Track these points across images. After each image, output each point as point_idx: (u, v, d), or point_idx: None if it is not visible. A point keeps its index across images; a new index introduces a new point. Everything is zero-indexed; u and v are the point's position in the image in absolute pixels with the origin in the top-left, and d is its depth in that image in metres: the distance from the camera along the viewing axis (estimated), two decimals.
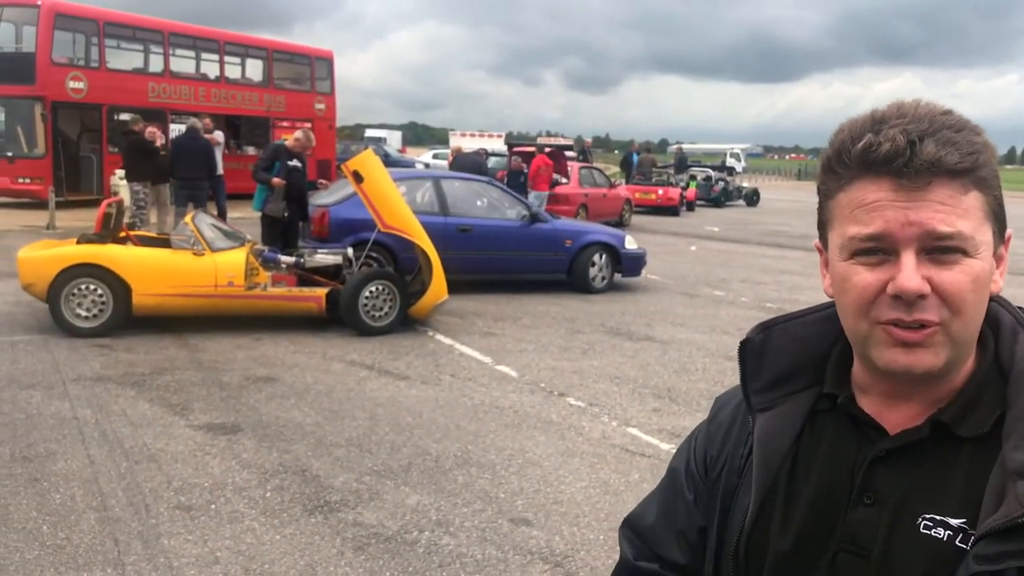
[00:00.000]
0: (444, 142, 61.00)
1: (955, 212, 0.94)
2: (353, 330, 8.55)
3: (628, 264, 11.87)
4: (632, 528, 1.29)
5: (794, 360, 1.12)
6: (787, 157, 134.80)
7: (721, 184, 30.97)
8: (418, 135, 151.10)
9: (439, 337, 8.67)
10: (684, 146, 42.72)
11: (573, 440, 5.82)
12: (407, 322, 8.89)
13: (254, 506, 4.59)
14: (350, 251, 9.27)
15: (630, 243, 11.96)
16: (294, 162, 10.51)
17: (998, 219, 0.99)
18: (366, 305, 8.59)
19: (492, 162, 24.70)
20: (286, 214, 10.38)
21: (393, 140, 51.78)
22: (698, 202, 28.62)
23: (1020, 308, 1.07)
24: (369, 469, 5.16)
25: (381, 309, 8.67)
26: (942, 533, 0.96)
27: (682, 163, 30.81)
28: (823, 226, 1.06)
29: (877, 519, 1.00)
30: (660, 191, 25.35)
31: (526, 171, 18.02)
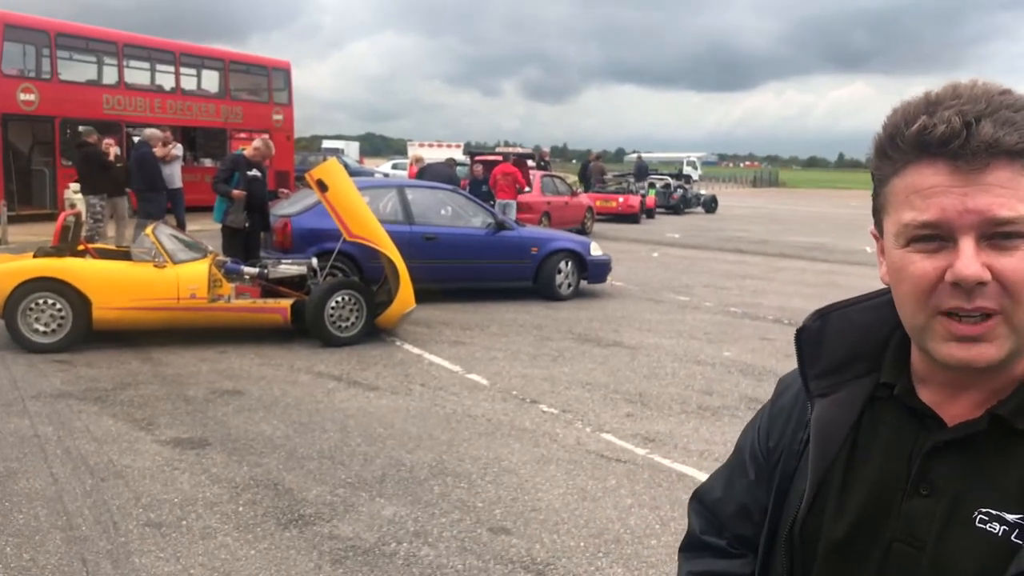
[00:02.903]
0: (402, 152, 60.77)
1: (1016, 196, 0.90)
2: (319, 341, 8.43)
3: (594, 271, 11.89)
4: (700, 501, 1.32)
5: (853, 347, 1.10)
6: (742, 165, 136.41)
7: (680, 192, 31.26)
8: (376, 146, 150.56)
9: (407, 347, 8.58)
10: (641, 155, 43.05)
11: (548, 447, 5.78)
12: (374, 332, 8.79)
13: (227, 521, 4.48)
14: (315, 261, 9.15)
15: (595, 250, 11.98)
16: (253, 172, 10.37)
17: None
18: (332, 316, 8.48)
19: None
20: (247, 225, 10.23)
21: (351, 151, 51.46)
22: (658, 209, 28.83)
23: None
24: (343, 481, 5.07)
25: (347, 319, 8.56)
26: (998, 528, 0.93)
27: (642, 171, 31.09)
28: (878, 213, 1.03)
29: (933, 511, 0.98)
30: (621, 199, 25.52)
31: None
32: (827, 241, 21.93)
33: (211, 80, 24.18)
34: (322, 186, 8.59)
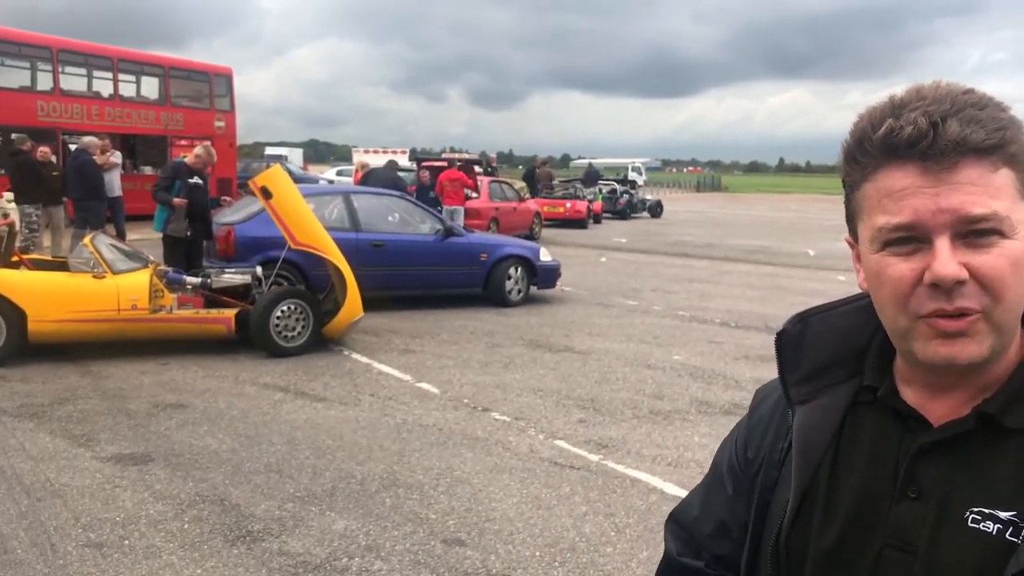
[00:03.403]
0: (347, 159, 60.29)
1: (987, 192, 0.89)
2: (265, 352, 8.26)
3: (543, 276, 11.87)
4: (677, 522, 1.28)
5: (833, 351, 1.08)
6: (685, 170, 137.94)
7: (626, 197, 31.47)
8: (320, 152, 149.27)
9: (355, 356, 8.46)
10: (584, 160, 43.34)
11: (501, 455, 5.71)
12: (321, 342, 8.65)
13: (171, 539, 4.33)
14: (259, 270, 8.98)
15: (545, 255, 11.97)
16: (195, 180, 10.16)
17: None
18: (278, 325, 8.32)
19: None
20: (189, 233, 10.02)
21: (294, 157, 50.91)
22: (604, 215, 28.99)
23: None
24: (291, 495, 4.94)
25: (294, 329, 8.41)
26: (991, 527, 0.92)
27: (592, 177, 31.32)
28: (851, 219, 1.02)
29: (923, 513, 0.96)
30: (568, 204, 25.62)
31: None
32: (770, 244, 22.22)
33: (151, 86, 23.69)
34: (266, 193, 8.43)
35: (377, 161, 29.74)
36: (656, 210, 32.98)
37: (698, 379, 7.82)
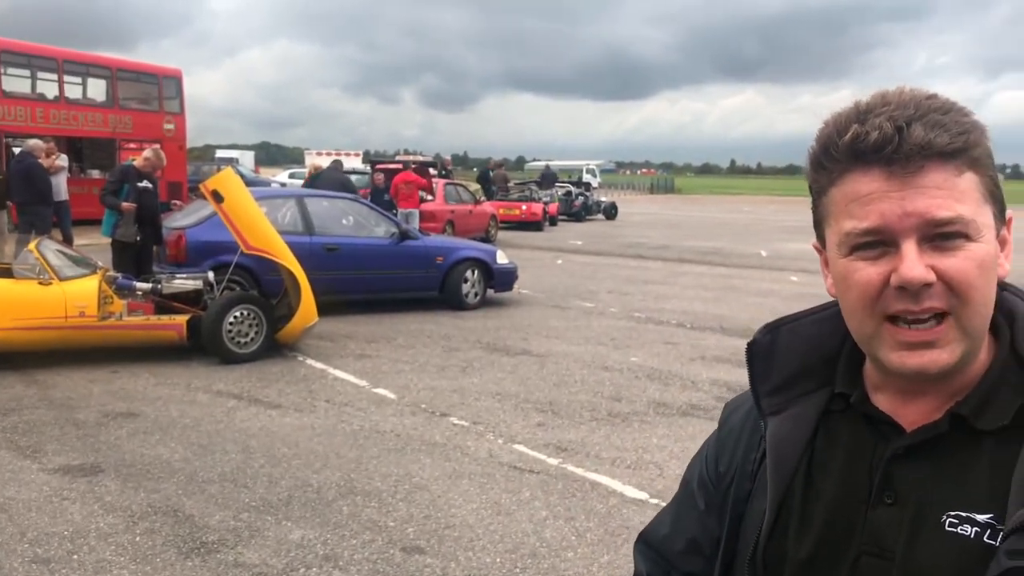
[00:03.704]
0: (299, 161, 59.71)
1: (952, 196, 0.90)
2: (218, 358, 8.12)
3: (500, 279, 11.84)
4: (646, 542, 1.26)
5: (804, 360, 1.08)
6: (639, 172, 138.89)
7: (581, 199, 31.59)
8: (271, 155, 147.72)
9: (310, 362, 8.35)
10: (539, 163, 43.44)
11: (459, 461, 5.67)
12: (275, 348, 8.53)
13: (123, 553, 4.22)
14: (211, 275, 8.82)
15: (501, 258, 11.94)
16: (144, 183, 9.97)
17: (996, 200, 0.95)
18: (231, 331, 8.19)
19: (353, 180, 24.33)
20: (138, 238, 9.83)
21: (246, 160, 50.28)
22: (560, 217, 29.05)
23: None
24: (246, 505, 4.85)
25: (247, 335, 8.28)
26: (969, 530, 0.91)
27: (549, 179, 31.41)
28: (819, 225, 1.03)
29: (899, 519, 0.96)
30: (524, 207, 25.65)
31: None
32: (723, 245, 22.42)
33: (97, 88, 23.22)
34: (217, 197, 8.30)
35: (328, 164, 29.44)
36: (611, 212, 33.14)
37: (655, 380, 7.84)
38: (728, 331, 10.34)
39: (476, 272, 11.63)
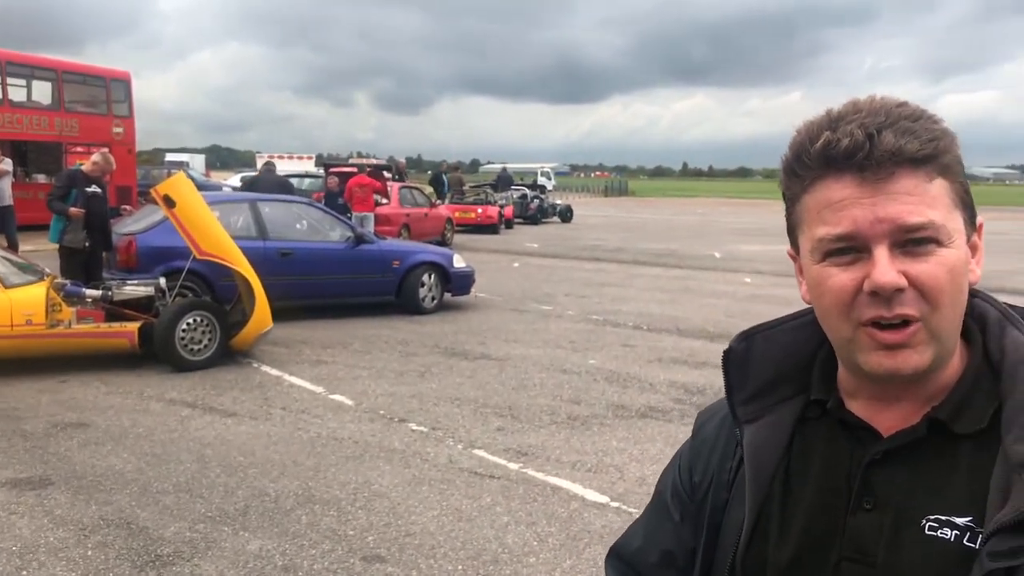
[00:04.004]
0: (251, 165, 59.01)
1: (923, 202, 0.91)
2: (170, 366, 7.97)
3: (457, 283, 11.80)
4: (618, 556, 1.24)
5: (779, 368, 1.08)
6: (592, 175, 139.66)
7: (537, 202, 31.65)
8: (223, 158, 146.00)
9: (265, 368, 8.24)
10: (495, 165, 43.42)
11: (419, 467, 5.62)
12: (229, 355, 8.40)
13: (74, 568, 4.11)
14: (162, 281, 8.66)
15: (459, 262, 11.90)
16: (93, 188, 9.75)
17: (967, 206, 0.96)
18: (183, 338, 8.05)
19: (307, 183, 24.14)
20: (87, 244, 9.61)
21: (196, 164, 49.56)
22: (515, 220, 29.06)
23: (1009, 305, 1.04)
24: (202, 516, 4.75)
25: (200, 342, 8.14)
26: (949, 533, 0.92)
27: (505, 182, 31.43)
28: (792, 231, 1.03)
29: (879, 524, 0.96)
30: (480, 210, 25.61)
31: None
32: (678, 248, 22.60)
33: (43, 91, 22.72)
34: (169, 202, 8.16)
35: (283, 167, 29.19)
36: (566, 215, 33.23)
37: (614, 383, 7.86)
38: (684, 333, 10.41)
39: (433, 276, 11.57)
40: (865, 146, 0.91)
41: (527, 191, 32.44)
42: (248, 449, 5.88)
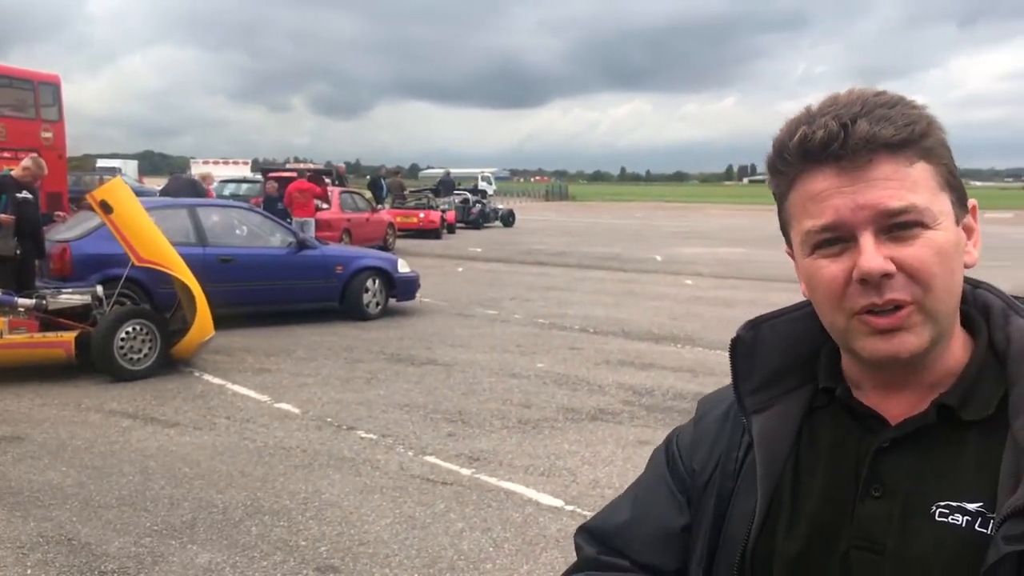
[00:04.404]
0: (184, 171, 57.91)
1: (903, 186, 0.92)
2: (109, 376, 7.76)
3: (402, 288, 11.70)
4: (591, 532, 1.19)
5: (785, 357, 1.08)
6: (532, 179, 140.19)
7: (479, 207, 31.63)
8: (155, 164, 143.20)
9: (207, 377, 8.06)
10: (435, 170, 43.32)
11: (370, 475, 5.54)
12: (170, 364, 8.20)
13: None
14: (99, 289, 8.42)
15: (403, 267, 11.81)
16: (24, 194, 9.43)
17: (954, 189, 0.96)
18: (122, 348, 7.83)
19: (245, 188, 23.78)
20: (18, 252, 9.29)
21: (129, 169, 48.45)
22: (458, 225, 29.00)
23: (1015, 296, 1.04)
24: (148, 529, 4.61)
25: (139, 351, 7.93)
26: (960, 519, 0.92)
27: (448, 186, 31.38)
28: (785, 230, 1.04)
29: (888, 511, 0.96)
30: (422, 214, 25.50)
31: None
32: (620, 251, 22.76)
33: None
34: (106, 207, 7.93)
35: (219, 172, 28.70)
36: (508, 219, 33.28)
37: (563, 386, 7.86)
38: (630, 335, 10.47)
39: (377, 281, 11.46)
40: (840, 136, 0.91)
41: (469, 196, 32.42)
42: (193, 460, 5.73)
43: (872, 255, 0.91)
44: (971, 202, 0.99)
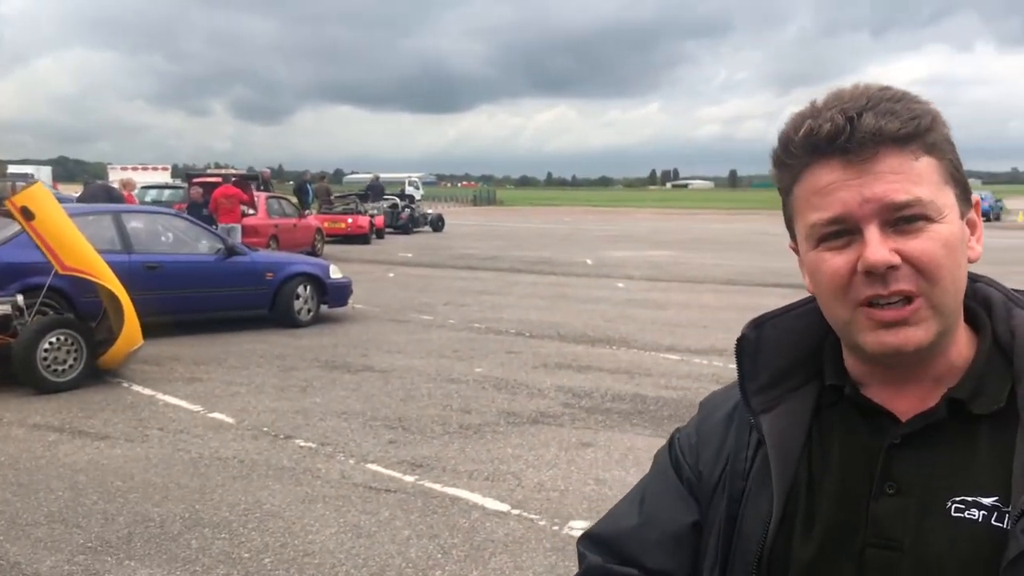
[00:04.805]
0: (102, 177, 56.30)
1: (909, 179, 0.92)
2: (32, 388, 7.47)
3: (334, 294, 11.54)
4: (595, 540, 1.15)
5: (790, 355, 1.07)
6: (459, 184, 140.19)
7: (408, 211, 31.46)
8: (70, 170, 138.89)
9: (136, 388, 7.83)
10: (360, 175, 42.98)
11: (311, 484, 5.43)
12: (96, 374, 7.95)
13: None
14: (20, 299, 8.11)
15: (335, 273, 11.64)
16: None
17: (959, 183, 0.97)
18: (46, 359, 7.56)
19: (167, 194, 23.24)
20: None
21: (43, 175, 46.83)
22: (387, 230, 28.79)
23: (1016, 290, 1.04)
24: (81, 546, 4.45)
25: (64, 362, 7.67)
26: (976, 514, 0.92)
27: (377, 191, 31.14)
28: (790, 224, 1.04)
29: (903, 508, 0.95)
30: (350, 220, 25.24)
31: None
32: (551, 255, 22.86)
33: None
34: (27, 214, 7.64)
35: (139, 178, 27.99)
36: (438, 224, 33.18)
37: (502, 390, 7.84)
38: (566, 338, 10.51)
39: (308, 288, 11.29)
40: (846, 129, 0.92)
41: (398, 201, 32.22)
42: (126, 473, 5.55)
43: (877, 247, 0.91)
44: (974, 197, 0.99)
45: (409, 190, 46.76)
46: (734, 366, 1.10)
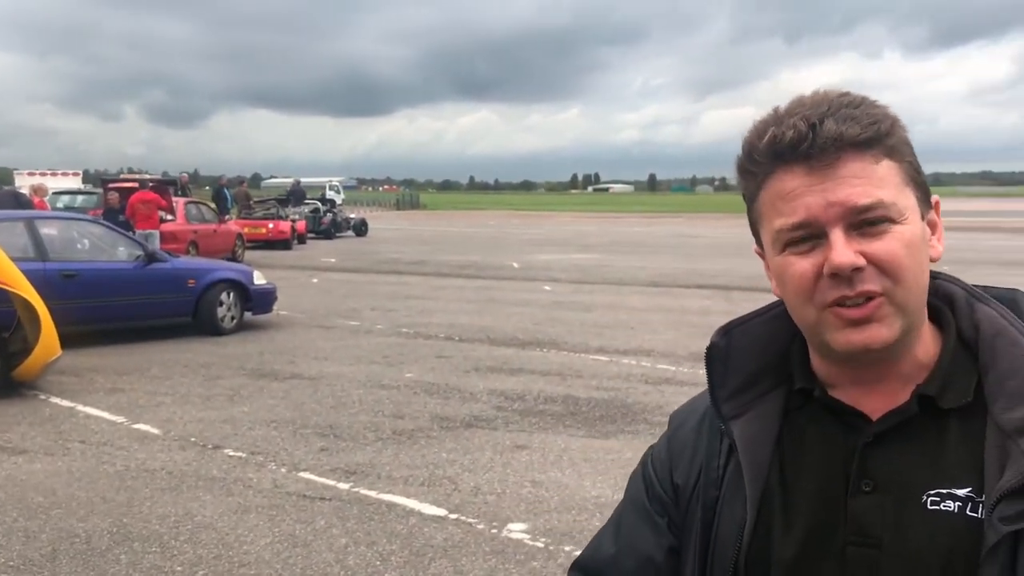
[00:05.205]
0: (7, 182, 54.34)
1: (871, 183, 0.94)
2: None
3: (259, 301, 11.35)
4: (586, 567, 1.18)
5: (759, 360, 1.09)
6: (381, 188, 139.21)
7: (330, 216, 31.11)
8: None
9: (55, 400, 7.56)
10: (278, 180, 42.37)
11: (243, 494, 5.33)
12: (11, 386, 7.68)
13: None
14: None
15: (259, 279, 11.45)
16: None
17: (919, 185, 0.99)
18: None
19: (80, 200, 22.58)
20: None
21: None
22: (309, 235, 28.41)
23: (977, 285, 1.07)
24: (3, 566, 4.28)
25: None
26: (951, 505, 0.94)
27: (299, 196, 30.72)
28: (755, 229, 1.05)
29: (880, 504, 0.97)
30: (271, 225, 24.84)
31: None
32: (477, 259, 22.85)
33: None
34: None
35: (49, 184, 27.08)
36: (361, 228, 32.88)
37: (434, 395, 7.80)
38: (496, 341, 10.52)
39: (232, 294, 11.08)
40: (809, 136, 0.93)
41: (320, 205, 31.84)
42: (47, 488, 5.36)
43: (842, 250, 0.93)
44: (934, 198, 1.02)
45: (330, 194, 46.26)
46: (662, 366, 1.13)
